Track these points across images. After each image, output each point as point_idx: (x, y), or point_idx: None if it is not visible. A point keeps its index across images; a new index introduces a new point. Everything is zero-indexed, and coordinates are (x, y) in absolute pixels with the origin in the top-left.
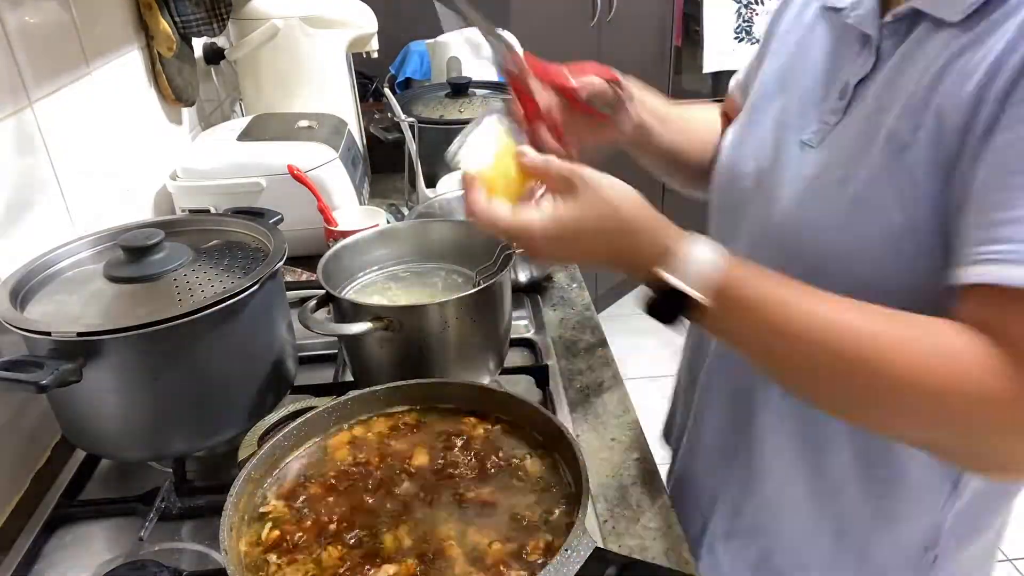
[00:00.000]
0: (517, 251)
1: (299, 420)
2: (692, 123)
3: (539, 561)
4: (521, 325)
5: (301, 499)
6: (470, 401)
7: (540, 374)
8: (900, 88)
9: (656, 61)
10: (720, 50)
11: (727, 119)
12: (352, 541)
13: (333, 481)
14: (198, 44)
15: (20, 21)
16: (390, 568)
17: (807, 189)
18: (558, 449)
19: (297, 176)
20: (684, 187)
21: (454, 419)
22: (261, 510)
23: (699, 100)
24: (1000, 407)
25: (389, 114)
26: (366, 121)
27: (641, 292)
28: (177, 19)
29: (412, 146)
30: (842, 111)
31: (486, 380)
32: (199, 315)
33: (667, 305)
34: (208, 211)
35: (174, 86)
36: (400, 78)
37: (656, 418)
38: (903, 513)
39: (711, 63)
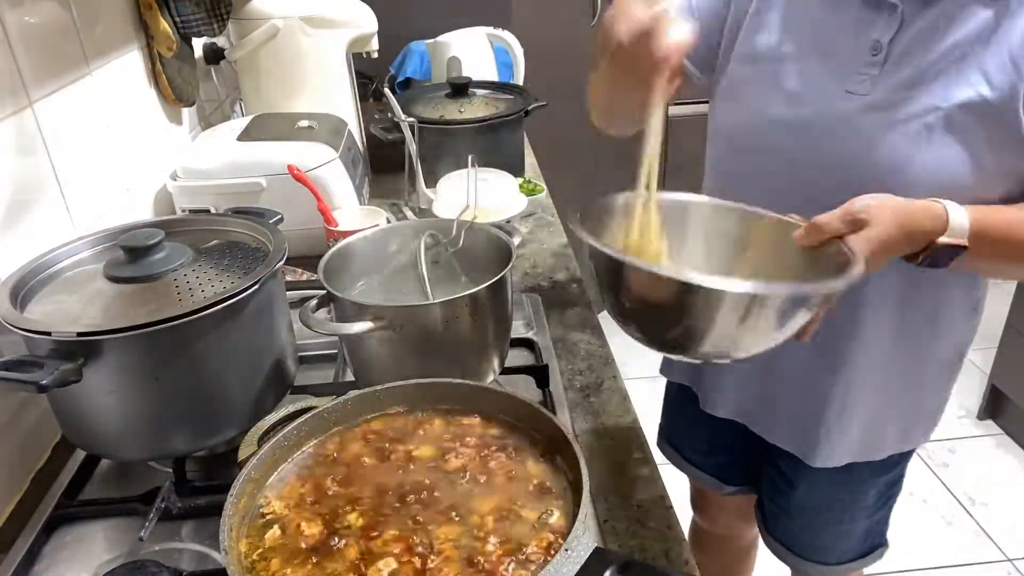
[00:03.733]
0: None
1: (299, 420)
2: None
3: (539, 561)
4: (521, 325)
5: (301, 499)
6: (470, 401)
7: (540, 374)
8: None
9: None
10: None
11: None
12: (352, 541)
13: (333, 481)
14: (198, 44)
15: (20, 21)
16: (391, 565)
17: (874, 128)
18: (558, 449)
19: (297, 176)
20: None
21: (454, 419)
22: (261, 510)
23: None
24: None
25: (389, 114)
26: (366, 121)
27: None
28: (177, 19)
29: (412, 146)
30: (880, 64)
31: (486, 380)
32: (199, 315)
33: (941, 257)
34: (208, 211)
35: (174, 86)
36: (400, 78)
37: (656, 418)
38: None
39: None
